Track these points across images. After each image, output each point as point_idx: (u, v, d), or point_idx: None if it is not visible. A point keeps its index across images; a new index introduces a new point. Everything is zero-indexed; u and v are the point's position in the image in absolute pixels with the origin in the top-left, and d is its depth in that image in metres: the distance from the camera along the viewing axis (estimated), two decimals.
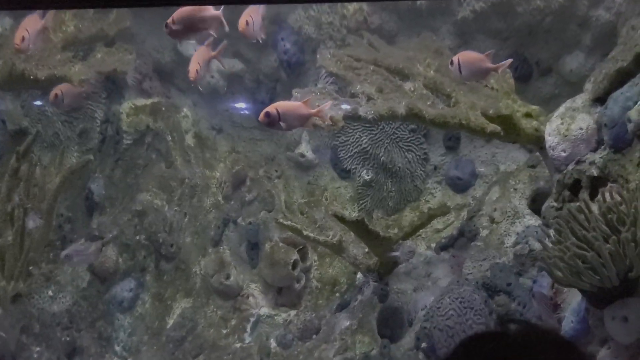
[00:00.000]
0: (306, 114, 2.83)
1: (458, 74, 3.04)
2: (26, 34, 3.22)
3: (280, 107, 2.81)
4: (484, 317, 3.35)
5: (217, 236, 4.62)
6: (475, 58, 3.09)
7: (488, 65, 3.08)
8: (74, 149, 4.58)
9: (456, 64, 3.00)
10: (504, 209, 3.86)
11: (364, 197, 4.55)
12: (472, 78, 3.18)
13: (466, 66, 3.02)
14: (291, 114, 2.83)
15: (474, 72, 3.09)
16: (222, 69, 4.78)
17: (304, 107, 2.83)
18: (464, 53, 3.13)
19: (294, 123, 2.90)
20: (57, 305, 4.25)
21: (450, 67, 3.05)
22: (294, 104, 2.88)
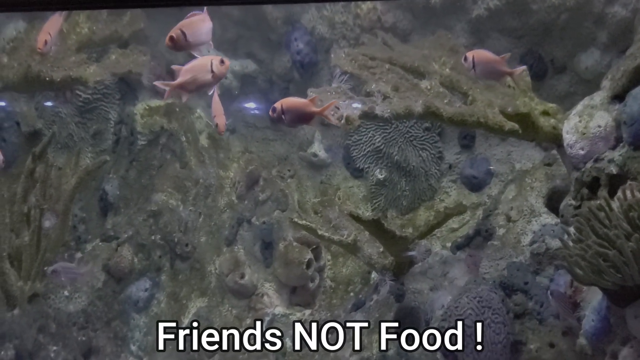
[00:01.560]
0: (311, 112, 2.81)
1: (471, 70, 3.03)
2: (48, 37, 3.25)
3: (285, 102, 2.81)
4: (502, 316, 3.34)
5: (232, 236, 4.63)
6: (490, 58, 3.07)
7: (503, 68, 3.07)
8: (88, 150, 4.60)
9: (470, 60, 2.99)
10: (521, 208, 3.85)
11: (377, 197, 4.55)
12: (484, 77, 3.17)
13: (480, 65, 3.01)
14: (294, 111, 2.81)
15: (488, 72, 3.07)
16: (236, 69, 4.79)
17: (310, 105, 2.81)
18: (480, 51, 3.11)
19: (297, 120, 2.88)
20: (73, 305, 4.27)
21: (463, 62, 3.03)
22: (301, 101, 2.86)
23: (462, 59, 3.04)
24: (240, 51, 4.82)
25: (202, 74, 2.70)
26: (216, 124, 3.20)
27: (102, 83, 4.45)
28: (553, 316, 3.38)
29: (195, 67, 2.71)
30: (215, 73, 2.70)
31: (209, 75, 2.70)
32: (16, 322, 3.98)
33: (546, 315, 3.41)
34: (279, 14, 4.56)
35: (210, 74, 2.70)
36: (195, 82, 2.72)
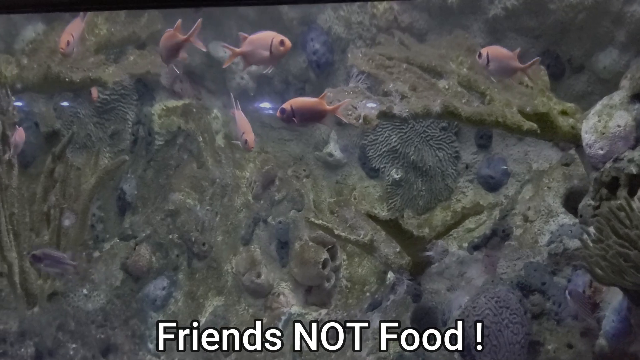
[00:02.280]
0: (323, 110, 2.76)
1: (485, 67, 3.01)
2: (71, 39, 3.29)
3: (295, 103, 2.75)
4: (520, 316, 3.33)
5: (248, 235, 4.65)
6: (504, 55, 3.05)
7: (517, 64, 3.05)
8: (106, 150, 4.65)
9: (484, 57, 2.98)
10: (538, 208, 3.83)
11: (393, 197, 4.54)
12: (498, 74, 3.14)
13: (495, 61, 2.98)
14: (305, 110, 2.76)
15: (502, 68, 3.04)
16: (252, 70, 4.81)
17: (321, 104, 2.76)
18: (494, 47, 3.09)
19: (308, 119, 2.83)
20: (91, 303, 4.31)
21: (477, 59, 3.00)
22: (311, 100, 2.81)
23: (476, 55, 3.02)
24: None
25: (261, 50, 2.63)
26: (245, 141, 3.11)
27: (120, 84, 4.49)
28: (571, 317, 3.37)
29: (257, 41, 2.64)
30: (273, 53, 2.62)
31: (267, 54, 2.63)
32: (36, 320, 4.02)
33: (564, 315, 3.39)
34: (295, 15, 4.57)
35: (267, 52, 2.62)
36: (254, 56, 2.65)
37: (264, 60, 2.69)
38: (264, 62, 2.72)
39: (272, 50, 2.62)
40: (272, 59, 2.67)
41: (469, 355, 3.33)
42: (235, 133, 3.22)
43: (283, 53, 2.67)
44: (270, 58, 2.65)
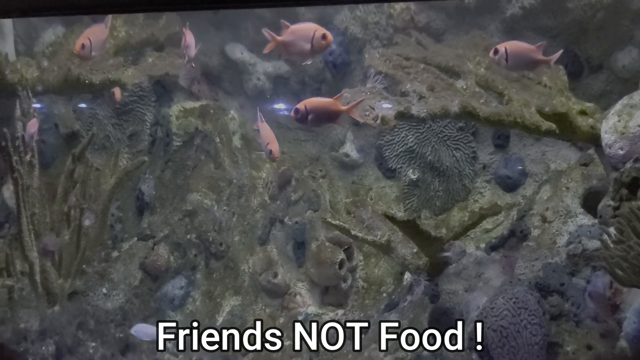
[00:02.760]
0: (337, 110, 2.76)
1: (503, 62, 2.92)
2: (87, 42, 3.32)
3: (309, 103, 2.75)
4: (539, 317, 3.32)
5: (264, 235, 4.67)
6: (524, 48, 2.98)
7: (538, 56, 2.99)
8: (125, 151, 4.70)
9: (502, 52, 2.92)
10: (556, 208, 3.81)
11: (410, 197, 4.54)
12: (518, 68, 3.09)
13: (514, 55, 2.92)
14: (320, 111, 2.75)
15: (522, 62, 2.97)
16: (268, 71, 4.83)
17: (335, 104, 2.76)
18: (512, 42, 3.04)
19: (323, 120, 2.83)
20: (110, 302, 4.35)
21: (492, 56, 2.92)
22: (325, 100, 2.81)
23: (491, 52, 2.93)
24: (273, 53, 4.85)
25: (302, 42, 2.59)
26: (270, 151, 3.09)
27: (138, 85, 4.54)
28: (590, 318, 3.34)
29: (299, 32, 2.60)
30: (314, 46, 2.57)
31: (308, 46, 2.58)
32: (56, 318, 4.07)
33: (583, 317, 3.37)
34: (312, 15, 4.59)
35: (308, 44, 2.58)
36: (294, 47, 2.61)
37: (303, 53, 2.64)
38: (303, 55, 2.68)
39: (313, 43, 2.58)
40: (312, 52, 2.63)
41: (487, 356, 3.32)
42: (260, 144, 3.21)
43: (324, 47, 2.63)
44: (311, 51, 2.61)
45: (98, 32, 3.38)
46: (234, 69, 4.90)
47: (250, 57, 4.83)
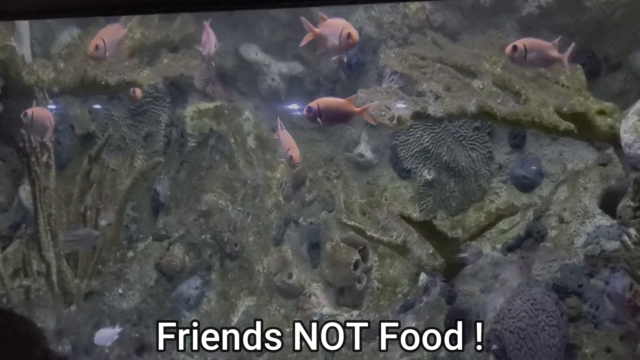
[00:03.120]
0: (349, 111, 2.75)
1: (522, 59, 2.92)
2: (101, 43, 3.33)
3: (322, 102, 2.76)
4: (556, 319, 3.28)
5: (279, 236, 4.67)
6: (542, 45, 2.98)
7: (555, 53, 2.99)
8: (140, 152, 4.71)
9: (522, 49, 2.91)
10: (574, 209, 3.77)
11: (425, 197, 4.52)
12: (535, 65, 3.08)
13: (533, 51, 2.91)
14: (332, 111, 2.76)
15: (539, 59, 2.97)
16: (283, 71, 4.83)
17: (348, 105, 2.76)
18: (529, 39, 3.03)
19: (334, 120, 2.84)
20: (126, 302, 4.38)
21: (510, 53, 2.91)
22: (338, 101, 2.81)
23: (508, 49, 2.91)
24: (287, 53, 4.86)
25: (331, 39, 2.58)
26: (290, 157, 3.11)
27: (153, 87, 4.56)
28: (609, 320, 3.31)
29: (330, 27, 2.61)
30: (341, 44, 2.57)
31: (336, 43, 2.58)
32: (73, 318, 4.09)
33: (602, 318, 3.33)
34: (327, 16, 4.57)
35: (337, 41, 2.57)
36: (324, 42, 2.60)
37: (331, 49, 2.65)
38: (329, 51, 2.68)
39: (340, 41, 2.58)
40: (338, 51, 2.63)
41: (504, 358, 3.29)
42: (281, 151, 3.22)
43: (349, 47, 2.62)
44: (336, 49, 2.62)
45: (112, 33, 3.39)
46: (248, 69, 4.91)
47: (265, 57, 4.83)
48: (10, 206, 4.45)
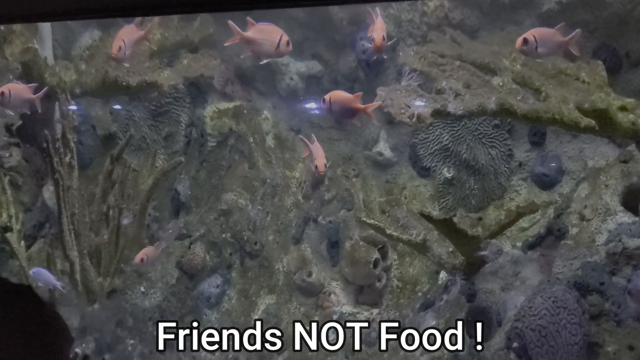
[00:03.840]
0: (355, 107, 2.87)
1: (534, 51, 2.94)
2: (122, 44, 3.38)
3: (334, 95, 2.91)
4: (578, 317, 3.26)
5: (298, 234, 4.69)
6: (549, 33, 3.02)
7: (562, 38, 3.01)
8: (161, 152, 4.76)
9: (533, 40, 2.92)
10: (595, 206, 3.74)
11: (445, 196, 4.51)
12: (547, 54, 3.09)
13: (543, 42, 2.94)
14: (340, 104, 2.91)
15: (550, 47, 3.00)
16: (301, 70, 4.85)
17: (355, 101, 2.87)
18: (537, 29, 3.04)
19: (342, 113, 2.98)
20: (148, 300, 4.43)
21: (521, 46, 2.93)
22: (348, 96, 2.94)
23: (518, 43, 2.93)
24: (306, 53, 4.88)
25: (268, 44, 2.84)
26: (316, 166, 3.39)
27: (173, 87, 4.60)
28: (632, 318, 3.28)
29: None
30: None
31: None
32: (96, 316, 4.16)
33: (624, 316, 3.31)
34: (345, 15, 4.59)
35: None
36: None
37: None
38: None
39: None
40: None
41: (525, 356, 3.28)
42: (311, 161, 3.49)
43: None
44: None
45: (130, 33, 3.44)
46: (266, 69, 4.93)
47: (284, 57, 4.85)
48: (34, 206, 4.52)
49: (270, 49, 2.87)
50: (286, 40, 2.82)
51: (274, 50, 2.87)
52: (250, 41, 2.86)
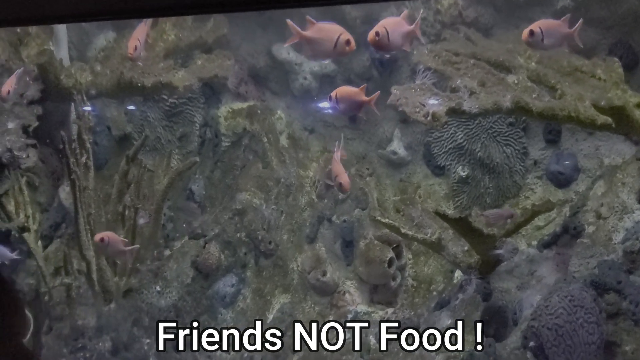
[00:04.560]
0: (360, 101, 2.90)
1: (540, 43, 2.92)
2: (138, 43, 3.40)
3: (340, 91, 2.92)
4: (595, 315, 3.24)
5: (313, 234, 4.70)
6: (555, 24, 3.00)
7: (567, 30, 2.99)
8: (175, 152, 4.79)
9: (539, 32, 2.90)
10: (611, 204, 3.71)
11: (459, 194, 4.49)
12: (553, 46, 3.07)
13: (548, 34, 2.92)
14: (346, 99, 2.92)
15: (556, 39, 2.98)
16: (315, 70, 4.85)
17: (360, 94, 2.91)
18: (542, 21, 3.03)
19: (349, 108, 2.99)
20: (164, 300, 4.45)
21: (527, 38, 2.91)
22: (353, 90, 2.97)
23: (524, 35, 2.92)
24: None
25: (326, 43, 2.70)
26: (339, 183, 3.23)
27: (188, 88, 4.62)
28: None
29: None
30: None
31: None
32: (112, 315, 4.18)
33: None
34: (358, 14, 4.59)
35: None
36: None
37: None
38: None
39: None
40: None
41: (542, 355, 3.26)
42: (330, 175, 3.38)
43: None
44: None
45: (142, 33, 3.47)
46: (280, 69, 4.94)
47: (297, 57, 4.86)
48: (50, 206, 4.56)
49: (329, 49, 2.70)
50: (345, 39, 2.65)
51: (332, 50, 2.70)
52: (310, 41, 2.74)
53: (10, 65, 4.11)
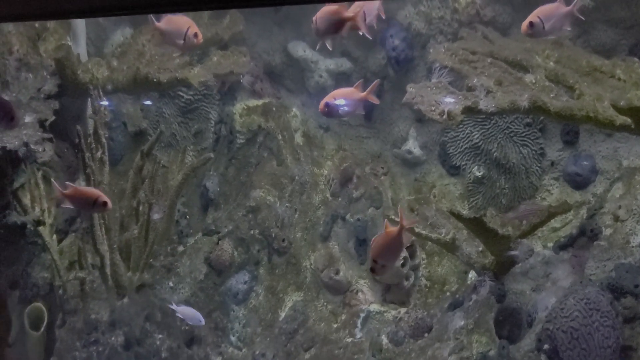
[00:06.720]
0: (357, 98, 2.96)
1: (542, 31, 2.91)
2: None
3: (336, 95, 3.01)
4: (611, 319, 3.19)
5: (326, 232, 4.68)
6: (552, 8, 2.98)
7: (566, 9, 2.97)
8: (190, 149, 4.80)
9: (539, 22, 2.88)
10: (630, 207, 3.66)
11: (474, 195, 4.45)
12: (555, 29, 3.04)
13: (548, 19, 2.91)
14: (345, 99, 2.99)
15: (557, 21, 2.96)
16: (330, 68, 4.84)
17: (356, 92, 2.97)
18: (539, 9, 3.00)
19: (348, 108, 3.03)
20: (177, 295, 4.47)
21: (527, 30, 2.92)
22: (348, 90, 3.03)
23: (524, 27, 2.93)
24: (335, 50, 4.87)
25: (175, 35, 2.86)
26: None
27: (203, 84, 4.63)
28: None
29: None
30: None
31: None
32: (125, 310, 4.20)
33: None
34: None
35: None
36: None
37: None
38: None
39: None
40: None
41: (556, 358, 3.22)
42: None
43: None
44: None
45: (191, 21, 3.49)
46: (296, 66, 4.94)
47: (313, 54, 4.85)
48: None
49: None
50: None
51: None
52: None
53: (28, 59, 4.14)
